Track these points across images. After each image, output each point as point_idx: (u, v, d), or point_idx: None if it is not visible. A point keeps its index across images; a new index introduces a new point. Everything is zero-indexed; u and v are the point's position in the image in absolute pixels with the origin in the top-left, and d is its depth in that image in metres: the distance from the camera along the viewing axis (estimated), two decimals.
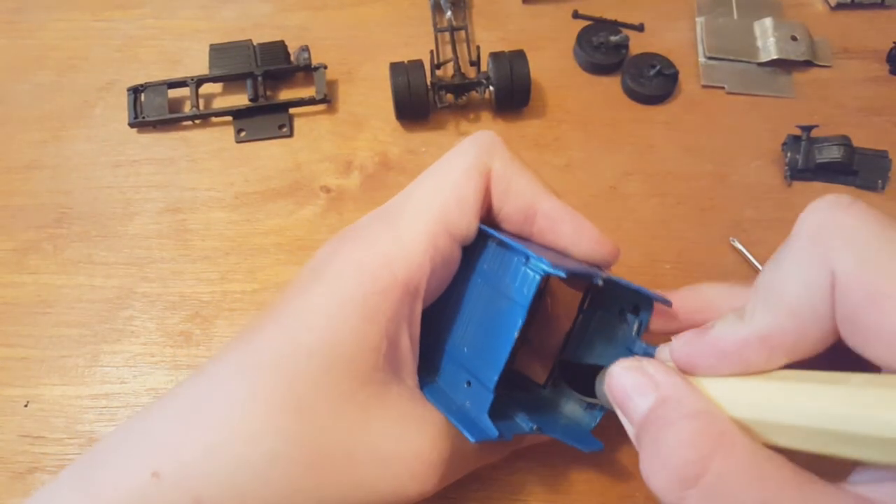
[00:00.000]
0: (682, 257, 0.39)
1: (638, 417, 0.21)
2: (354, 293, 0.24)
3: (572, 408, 0.30)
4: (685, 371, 0.21)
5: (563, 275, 0.23)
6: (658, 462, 0.19)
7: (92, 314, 0.38)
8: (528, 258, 0.25)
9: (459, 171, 0.27)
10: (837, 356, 0.19)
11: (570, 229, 0.27)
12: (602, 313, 0.30)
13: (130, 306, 0.38)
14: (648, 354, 0.26)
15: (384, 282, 0.24)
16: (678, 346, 0.22)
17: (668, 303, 0.26)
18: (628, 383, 0.22)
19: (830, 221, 0.19)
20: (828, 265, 0.18)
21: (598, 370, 0.26)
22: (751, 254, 0.38)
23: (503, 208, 0.27)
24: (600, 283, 0.25)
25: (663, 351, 0.24)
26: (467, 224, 0.26)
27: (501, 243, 0.26)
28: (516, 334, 0.25)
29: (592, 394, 0.27)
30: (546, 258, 0.24)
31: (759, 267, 0.37)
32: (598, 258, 0.28)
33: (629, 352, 0.27)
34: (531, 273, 0.25)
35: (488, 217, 0.28)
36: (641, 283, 0.25)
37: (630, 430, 0.22)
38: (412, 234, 0.25)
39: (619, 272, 0.28)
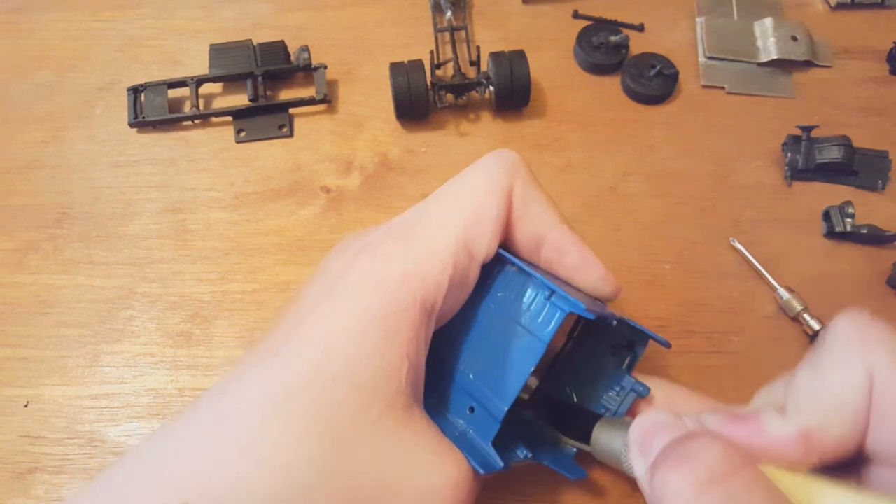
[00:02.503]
0: (682, 257, 0.39)
1: (663, 443, 0.21)
2: (374, 312, 0.23)
3: (553, 433, 0.30)
4: None
5: (591, 317, 0.23)
6: (685, 462, 0.19)
7: (92, 314, 0.38)
8: (552, 292, 0.24)
9: (483, 189, 0.26)
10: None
11: (576, 262, 0.27)
12: (592, 342, 0.30)
13: (130, 306, 0.38)
14: (636, 390, 0.27)
15: (403, 300, 0.24)
16: (718, 426, 0.21)
17: (667, 344, 0.26)
18: (661, 420, 0.22)
19: (863, 329, 0.21)
20: (866, 365, 0.20)
21: (580, 411, 0.27)
22: (750, 254, 0.38)
23: (515, 232, 0.27)
24: (615, 323, 0.25)
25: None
26: (487, 244, 0.25)
27: (522, 271, 0.26)
28: (532, 369, 0.24)
29: (571, 434, 0.27)
30: (563, 290, 0.24)
31: (759, 267, 0.37)
32: (600, 294, 0.28)
33: (618, 385, 0.28)
34: (555, 310, 0.24)
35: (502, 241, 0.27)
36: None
37: (641, 467, 0.21)
38: (431, 251, 0.25)
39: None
